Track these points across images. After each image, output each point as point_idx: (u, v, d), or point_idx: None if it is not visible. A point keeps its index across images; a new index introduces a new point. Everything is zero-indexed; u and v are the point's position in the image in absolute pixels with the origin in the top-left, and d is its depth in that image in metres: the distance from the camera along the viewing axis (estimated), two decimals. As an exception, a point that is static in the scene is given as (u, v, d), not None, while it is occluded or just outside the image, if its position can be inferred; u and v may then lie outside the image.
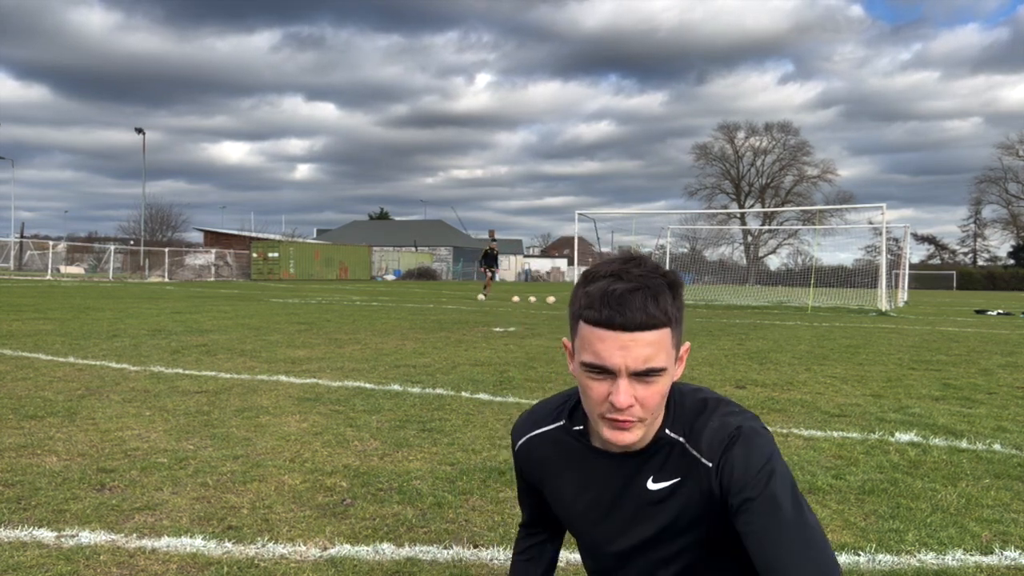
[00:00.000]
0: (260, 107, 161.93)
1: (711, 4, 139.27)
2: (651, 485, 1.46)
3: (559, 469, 1.58)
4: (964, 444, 4.04)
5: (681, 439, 1.45)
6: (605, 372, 1.32)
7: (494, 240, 25.29)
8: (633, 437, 1.38)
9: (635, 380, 1.32)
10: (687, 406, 1.48)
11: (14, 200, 61.28)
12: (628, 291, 1.30)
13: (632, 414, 1.35)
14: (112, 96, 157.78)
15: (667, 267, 1.41)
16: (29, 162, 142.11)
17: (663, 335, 1.32)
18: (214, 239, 59.62)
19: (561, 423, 1.58)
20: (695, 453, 1.42)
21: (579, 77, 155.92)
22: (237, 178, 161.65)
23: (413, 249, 69.66)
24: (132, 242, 60.71)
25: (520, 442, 1.64)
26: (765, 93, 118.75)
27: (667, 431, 1.46)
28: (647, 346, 1.30)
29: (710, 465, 1.39)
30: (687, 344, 1.44)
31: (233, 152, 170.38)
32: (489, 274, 24.02)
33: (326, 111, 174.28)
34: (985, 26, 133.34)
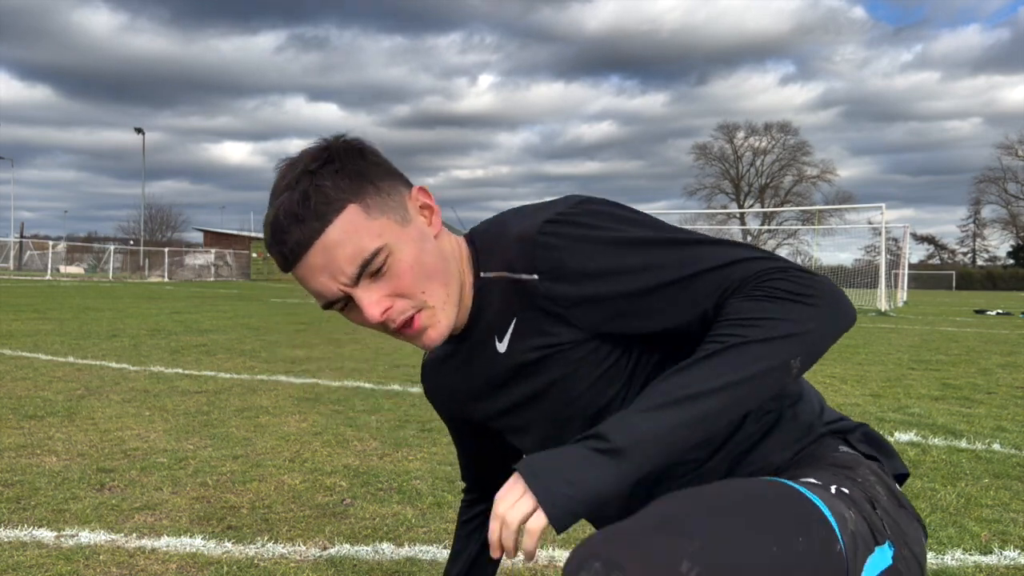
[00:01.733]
0: (263, 108, 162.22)
1: (714, 5, 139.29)
2: (500, 346, 1.18)
3: (448, 383, 1.35)
4: (963, 444, 4.05)
5: (504, 273, 1.14)
6: (340, 302, 1.09)
7: None
8: (438, 332, 1.12)
9: (369, 283, 1.06)
10: (491, 235, 1.18)
11: (13, 200, 61.30)
12: (275, 220, 1.06)
13: (400, 311, 1.08)
14: (116, 97, 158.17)
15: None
16: (31, 162, 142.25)
17: (344, 224, 1.04)
18: (214, 239, 59.64)
19: None
20: (514, 276, 1.12)
21: (581, 78, 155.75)
22: (239, 178, 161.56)
23: (413, 249, 69.56)
24: (132, 242, 60.71)
25: (424, 378, 1.44)
26: (766, 94, 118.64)
27: (483, 274, 1.17)
28: (336, 249, 1.04)
29: (535, 278, 1.09)
30: (414, 189, 1.14)
31: (235, 152, 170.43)
32: None
33: (328, 112, 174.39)
34: (986, 27, 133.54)
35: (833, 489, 1.04)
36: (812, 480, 1.06)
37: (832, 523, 0.95)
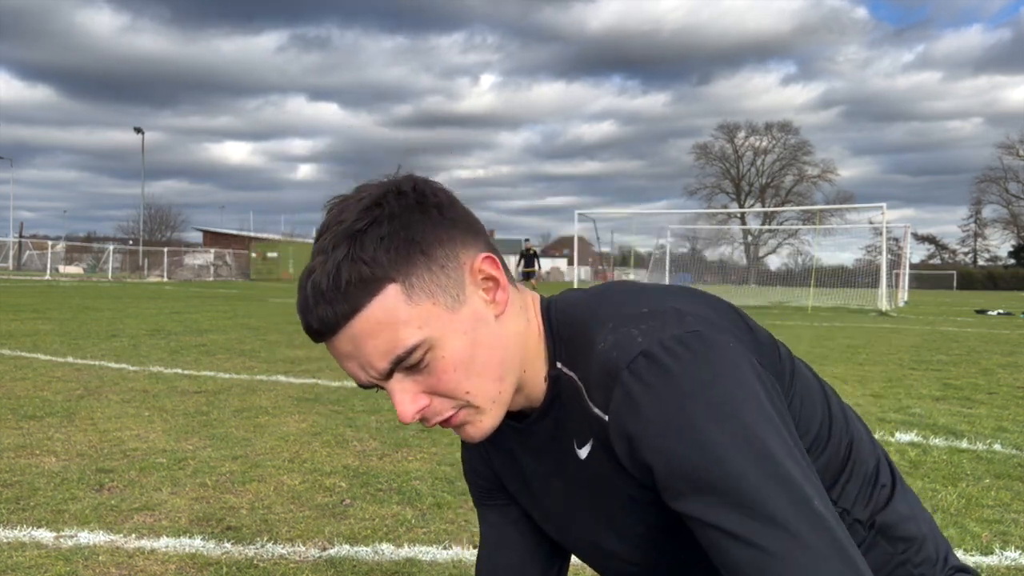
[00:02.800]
0: (264, 108, 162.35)
1: (716, 6, 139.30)
2: (579, 451, 0.96)
3: (497, 466, 1.15)
4: (964, 444, 4.04)
5: (573, 374, 0.95)
6: (374, 388, 0.94)
7: (527, 240, 25.41)
8: (479, 430, 0.94)
9: (403, 376, 0.90)
10: (574, 328, 0.96)
11: (12, 200, 61.33)
12: (302, 289, 0.89)
13: (437, 412, 0.92)
14: (117, 97, 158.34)
15: (667, 267, 1.05)
16: (31, 162, 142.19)
17: (379, 311, 0.86)
18: (213, 239, 59.69)
19: None
20: (587, 400, 0.91)
21: (583, 78, 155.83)
22: (240, 178, 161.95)
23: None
24: (131, 242, 60.74)
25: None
26: (768, 94, 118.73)
27: (559, 365, 0.96)
28: (365, 340, 0.87)
29: (605, 419, 0.88)
30: (477, 259, 0.92)
31: (236, 152, 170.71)
32: (523, 275, 23.43)
33: (329, 111, 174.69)
34: (988, 27, 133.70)
35: None
36: None
37: None
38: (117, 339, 8.52)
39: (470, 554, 2.44)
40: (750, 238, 67.13)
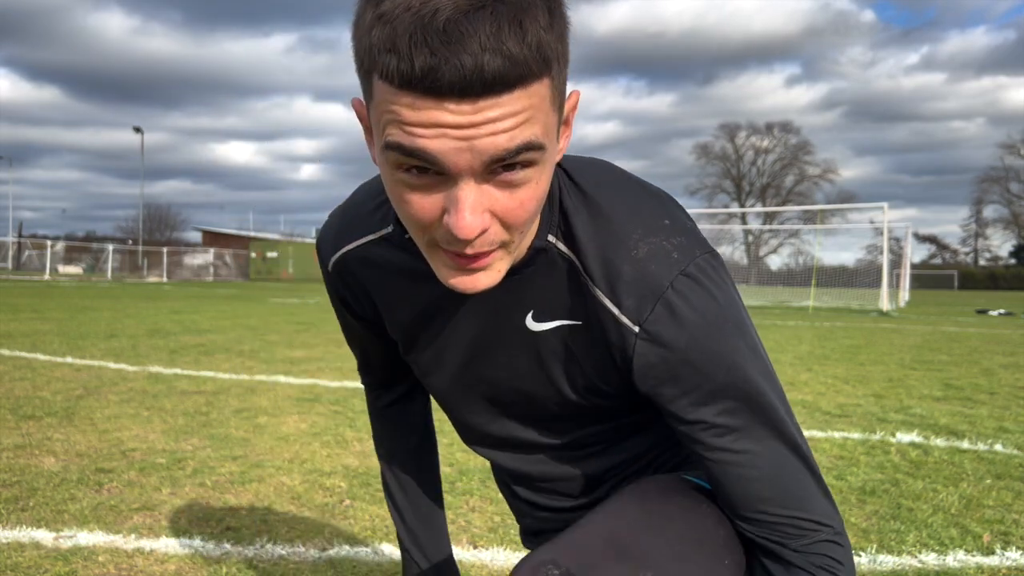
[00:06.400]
0: (270, 109, 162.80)
1: (723, 9, 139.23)
2: (532, 324, 0.93)
3: (394, 299, 1.02)
4: (965, 444, 4.03)
5: (572, 256, 0.89)
6: (431, 172, 0.72)
7: None
8: (490, 279, 0.80)
9: (491, 183, 0.73)
10: (585, 211, 0.88)
11: (11, 200, 61.35)
12: (464, 11, 0.66)
13: (490, 241, 0.76)
14: (127, 98, 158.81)
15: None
16: (37, 163, 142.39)
17: (538, 92, 0.71)
18: (212, 239, 59.66)
19: (387, 230, 0.98)
20: (607, 301, 0.87)
21: (588, 79, 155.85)
22: (242, 178, 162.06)
23: (413, 249, 69.42)
24: (130, 242, 60.72)
25: (332, 261, 1.06)
26: (772, 95, 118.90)
27: (550, 239, 0.89)
28: (510, 118, 0.69)
29: (636, 330, 0.86)
30: (575, 94, 0.80)
31: (240, 152, 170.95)
32: None
33: (334, 111, 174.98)
34: (991, 28, 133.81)
35: None
36: None
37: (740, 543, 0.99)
38: (116, 339, 8.51)
39: (470, 555, 2.43)
40: (751, 238, 67.09)
